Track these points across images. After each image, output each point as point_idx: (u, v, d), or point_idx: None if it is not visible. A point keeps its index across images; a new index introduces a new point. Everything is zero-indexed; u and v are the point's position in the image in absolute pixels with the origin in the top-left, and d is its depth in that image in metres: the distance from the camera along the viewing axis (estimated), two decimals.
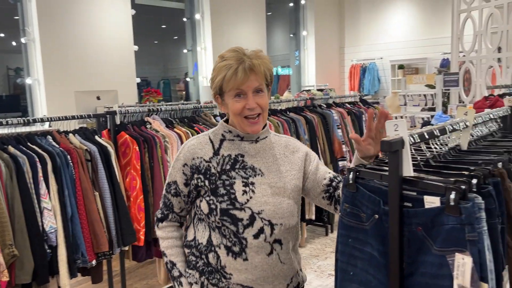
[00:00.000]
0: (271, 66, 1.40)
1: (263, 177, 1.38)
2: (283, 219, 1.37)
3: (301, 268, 1.52)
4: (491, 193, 0.94)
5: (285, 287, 1.42)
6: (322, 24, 10.08)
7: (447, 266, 0.93)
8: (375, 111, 2.18)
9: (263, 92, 1.36)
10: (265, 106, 1.36)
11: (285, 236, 1.39)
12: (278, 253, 1.38)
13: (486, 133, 1.61)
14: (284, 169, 1.42)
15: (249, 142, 1.40)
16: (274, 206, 1.36)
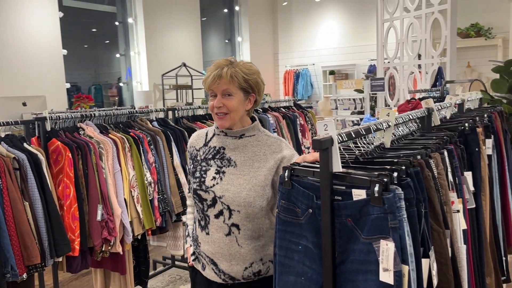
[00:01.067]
0: (249, 74, 1.60)
1: (235, 168, 1.61)
2: (241, 207, 1.56)
3: (271, 261, 1.59)
4: (409, 184, 1.05)
5: (243, 268, 1.60)
6: (256, 31, 10.27)
7: (374, 252, 1.03)
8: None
9: (231, 96, 1.58)
10: (232, 108, 1.58)
11: (244, 223, 1.58)
12: (236, 236, 1.58)
13: (406, 133, 1.77)
14: (257, 165, 1.60)
15: (232, 138, 1.64)
16: (233, 194, 1.57)
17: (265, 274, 1.63)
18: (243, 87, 1.60)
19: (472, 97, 3.39)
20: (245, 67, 1.61)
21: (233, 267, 1.59)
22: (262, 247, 1.61)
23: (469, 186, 1.67)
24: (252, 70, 1.62)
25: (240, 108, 1.61)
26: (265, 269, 1.62)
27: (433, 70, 5.39)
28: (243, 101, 1.61)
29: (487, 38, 8.02)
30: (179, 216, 3.20)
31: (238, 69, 1.58)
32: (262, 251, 1.61)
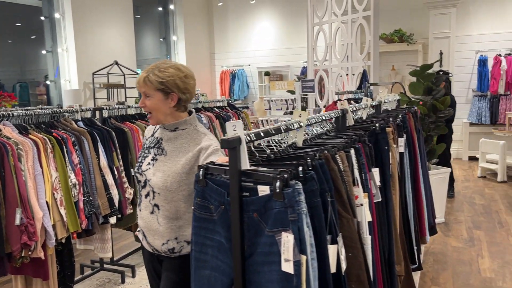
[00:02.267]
0: (164, 77, 1.77)
1: (165, 157, 1.83)
2: (160, 190, 1.79)
3: (188, 241, 1.79)
4: (313, 177, 1.14)
5: (161, 243, 1.82)
6: (192, 30, 10.22)
7: (276, 244, 1.11)
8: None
9: (150, 97, 1.80)
10: (152, 107, 1.81)
11: (163, 205, 1.80)
12: (157, 215, 1.82)
13: (320, 132, 1.88)
14: (181, 155, 1.81)
15: (168, 130, 1.87)
16: (157, 178, 1.80)
17: (178, 252, 1.82)
18: (160, 89, 1.79)
19: (389, 99, 3.64)
20: (160, 71, 1.79)
21: (155, 241, 1.84)
22: (178, 227, 1.81)
23: (376, 182, 1.81)
24: (167, 73, 1.80)
25: (161, 107, 1.81)
26: (179, 248, 1.81)
27: (359, 73, 5.69)
28: (164, 100, 1.81)
29: (409, 43, 8.58)
30: (107, 218, 3.13)
31: (152, 74, 1.79)
32: (178, 231, 1.81)
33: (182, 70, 1.84)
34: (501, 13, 8.16)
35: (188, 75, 1.85)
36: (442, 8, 8.11)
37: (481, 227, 4.66)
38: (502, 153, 6.46)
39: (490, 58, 8.10)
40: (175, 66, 1.84)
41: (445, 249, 4.11)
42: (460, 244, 4.21)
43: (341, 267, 1.25)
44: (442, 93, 4.60)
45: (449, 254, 3.99)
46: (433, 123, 4.59)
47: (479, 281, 3.43)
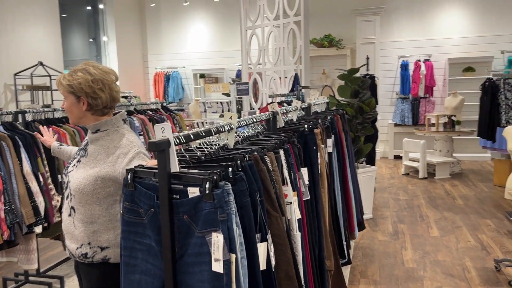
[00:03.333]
0: (71, 81, 1.77)
1: (86, 159, 1.80)
2: (75, 192, 1.75)
3: (102, 247, 1.75)
4: (242, 178, 1.18)
5: (75, 248, 1.78)
6: (123, 30, 9.92)
7: (206, 245, 1.13)
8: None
9: (66, 99, 1.81)
10: (66, 109, 1.82)
11: (78, 208, 1.76)
12: (73, 218, 1.78)
13: (252, 134, 1.93)
14: (100, 158, 1.77)
15: (91, 133, 1.84)
16: (74, 180, 1.77)
17: (91, 258, 1.76)
18: (71, 92, 1.79)
19: (319, 101, 3.79)
20: (70, 74, 1.80)
21: (71, 244, 1.81)
22: (92, 232, 1.76)
23: (305, 181, 1.89)
24: (74, 77, 1.77)
25: (74, 109, 1.81)
26: (92, 253, 1.76)
27: (291, 76, 5.85)
28: (76, 104, 1.80)
29: (338, 48, 8.98)
30: (31, 227, 2.97)
31: (62, 78, 1.81)
32: (92, 236, 1.76)
33: (91, 73, 1.76)
34: (420, 22, 8.78)
35: (97, 79, 1.76)
36: (368, 15, 8.57)
37: (404, 221, 4.98)
38: (422, 152, 6.95)
39: (411, 63, 8.68)
40: (85, 70, 1.77)
41: (372, 243, 4.35)
42: (386, 238, 4.48)
43: (271, 264, 1.29)
44: (368, 96, 4.87)
45: (376, 248, 4.23)
46: (360, 124, 4.85)
47: (403, 272, 3.67)
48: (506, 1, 8.25)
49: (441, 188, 6.45)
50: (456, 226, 4.76)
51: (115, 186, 1.73)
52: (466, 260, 3.84)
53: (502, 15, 8.28)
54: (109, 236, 1.75)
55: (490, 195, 5.93)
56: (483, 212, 5.19)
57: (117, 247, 1.74)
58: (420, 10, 8.76)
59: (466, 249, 4.09)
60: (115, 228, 1.75)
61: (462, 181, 6.84)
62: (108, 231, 1.74)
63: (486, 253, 3.99)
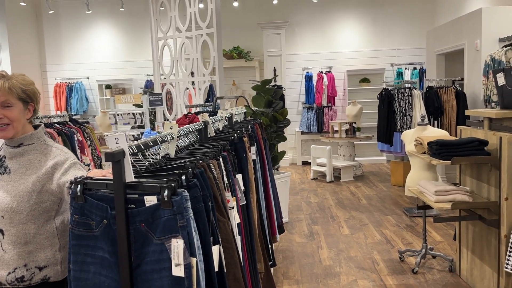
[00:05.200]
0: (25, 85, 1.69)
1: (8, 176, 1.67)
2: (5, 212, 1.62)
3: (40, 267, 1.66)
4: (196, 184, 1.22)
5: (6, 273, 1.64)
6: (17, 38, 9.17)
7: (166, 251, 1.15)
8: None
9: (12, 107, 1.65)
10: (14, 118, 1.65)
11: (8, 229, 1.63)
12: (0, 241, 1.64)
13: (188, 143, 1.97)
14: (29, 173, 1.66)
15: (11, 147, 1.71)
16: (0, 200, 1.63)
17: (29, 281, 1.65)
18: (22, 98, 1.69)
19: (238, 111, 3.92)
20: (20, 79, 1.71)
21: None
22: (28, 253, 1.65)
23: (241, 186, 1.98)
24: (28, 81, 1.73)
25: (21, 117, 1.70)
26: (29, 275, 1.65)
27: (205, 87, 5.93)
28: (23, 111, 1.71)
29: (247, 60, 9.26)
30: None
31: (14, 81, 1.67)
32: (28, 257, 1.65)
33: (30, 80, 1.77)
34: (321, 36, 9.43)
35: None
36: (273, 28, 8.99)
37: (318, 222, 5.30)
38: (328, 157, 7.45)
39: (314, 75, 9.26)
40: (24, 75, 1.75)
41: (291, 245, 4.57)
42: (303, 240, 4.73)
43: (223, 266, 1.35)
44: (281, 105, 5.13)
45: (294, 249, 4.45)
46: (274, 132, 5.07)
47: (321, 269, 3.92)
48: (394, 20, 9.22)
49: (347, 190, 6.97)
50: (363, 224, 5.19)
51: (50, 200, 1.65)
52: (374, 254, 4.22)
53: (391, 32, 9.24)
54: (46, 255, 1.66)
55: (389, 194, 6.56)
56: (384, 210, 5.72)
57: (56, 265, 1.67)
58: (321, 25, 9.41)
59: (373, 244, 4.49)
60: (53, 245, 1.67)
61: (364, 182, 7.45)
62: (45, 249, 1.65)
63: (390, 246, 4.42)
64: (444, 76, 7.05)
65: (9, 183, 1.65)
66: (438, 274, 3.71)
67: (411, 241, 4.53)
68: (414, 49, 9.11)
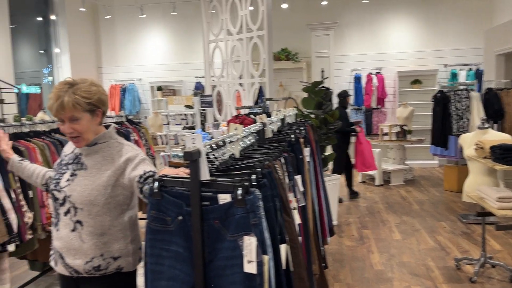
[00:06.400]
0: (89, 97, 1.74)
1: (85, 171, 1.78)
2: (83, 205, 1.73)
3: (115, 257, 1.76)
4: (266, 184, 1.26)
5: (84, 262, 1.74)
6: (77, 42, 9.66)
7: (239, 248, 1.19)
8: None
9: (78, 120, 1.74)
10: (82, 130, 1.75)
11: (87, 220, 1.73)
12: (79, 232, 1.74)
13: (248, 144, 2.01)
14: (104, 168, 1.77)
15: (87, 146, 1.81)
16: (78, 193, 1.74)
17: (105, 270, 1.76)
18: (88, 109, 1.76)
19: (290, 113, 3.93)
20: (85, 90, 1.74)
21: (76, 261, 1.75)
22: (103, 243, 1.75)
23: (300, 187, 2.00)
24: (92, 91, 1.77)
25: (90, 126, 1.79)
26: (105, 264, 1.76)
27: (255, 89, 5.99)
28: (91, 119, 1.78)
29: (295, 61, 9.26)
30: (4, 246, 2.85)
31: (78, 96, 1.72)
32: (104, 248, 1.75)
33: (97, 83, 1.83)
34: (371, 36, 9.27)
35: (101, 86, 1.85)
36: (322, 29, 8.94)
37: (368, 226, 5.22)
38: (378, 160, 7.30)
39: (363, 76, 9.12)
40: (90, 82, 1.80)
41: (341, 249, 4.52)
42: (353, 243, 4.67)
43: (289, 265, 1.38)
44: (331, 107, 5.09)
45: (344, 253, 4.40)
46: (324, 134, 5.05)
47: (373, 274, 3.86)
48: (447, 19, 8.91)
49: (397, 194, 6.80)
50: (415, 229, 5.05)
51: (123, 194, 1.76)
52: (428, 261, 4.10)
53: (445, 32, 8.93)
54: (120, 246, 1.76)
55: (442, 199, 6.34)
56: (437, 215, 5.54)
57: (128, 256, 1.78)
58: (371, 25, 9.25)
59: (427, 250, 4.36)
60: (125, 237, 1.78)
61: (415, 187, 7.25)
62: (118, 241, 1.76)
63: (445, 253, 4.28)
64: (504, 78, 6.73)
65: (87, 178, 1.76)
66: (498, 284, 3.55)
67: (467, 248, 4.36)
68: (470, 49, 8.75)
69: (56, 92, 1.72)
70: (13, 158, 2.11)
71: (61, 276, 1.85)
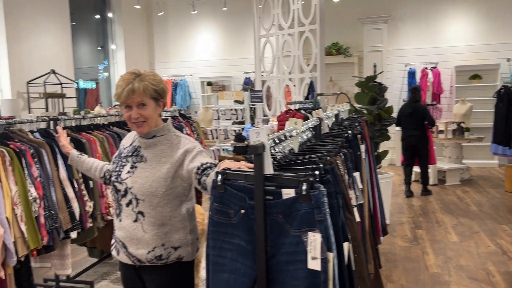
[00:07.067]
0: (156, 85, 1.83)
1: (145, 163, 1.83)
2: (145, 196, 1.78)
3: (175, 247, 1.81)
4: (329, 180, 1.23)
5: (146, 252, 1.79)
6: (131, 39, 9.99)
7: (303, 244, 1.17)
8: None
9: (146, 106, 1.80)
10: (148, 116, 1.81)
11: (148, 211, 1.79)
12: (141, 222, 1.80)
13: (305, 139, 1.98)
14: (164, 160, 1.81)
15: (145, 138, 1.87)
16: (140, 185, 1.79)
17: (166, 259, 1.81)
18: (154, 96, 1.83)
19: (344, 109, 3.85)
20: (151, 78, 1.84)
21: (138, 250, 1.81)
22: (164, 234, 1.80)
23: (359, 185, 1.94)
24: (157, 80, 1.86)
25: (153, 114, 1.85)
26: (166, 254, 1.80)
27: (306, 84, 5.92)
28: (155, 107, 1.86)
29: (346, 56, 9.07)
30: (68, 233, 3.00)
31: (147, 82, 1.81)
32: (165, 238, 1.80)
33: (159, 77, 1.91)
34: (426, 29, 8.90)
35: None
36: (375, 23, 8.69)
37: (422, 227, 5.03)
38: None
39: (418, 71, 8.78)
40: (153, 73, 1.88)
41: (393, 249, 4.39)
42: (406, 243, 4.52)
43: (351, 264, 1.34)
44: (386, 103, 4.94)
45: (397, 253, 4.27)
46: (378, 130, 4.91)
47: (428, 276, 3.71)
48: (510, 10, 8.39)
49: (453, 194, 6.52)
50: (473, 231, 4.81)
51: (182, 186, 1.81)
52: (489, 265, 3.89)
53: (507, 23, 8.42)
54: (179, 236, 1.81)
55: (503, 201, 6.00)
56: (498, 218, 5.25)
57: (188, 246, 1.83)
58: (426, 18, 8.88)
59: (487, 254, 4.14)
60: (184, 227, 1.82)
61: (473, 187, 6.90)
62: (178, 231, 1.81)
63: (507, 257, 4.04)
64: None
65: (147, 170, 1.81)
66: None
67: None
68: None
69: (124, 80, 1.79)
70: (73, 153, 2.22)
71: (123, 264, 1.91)
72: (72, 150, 2.25)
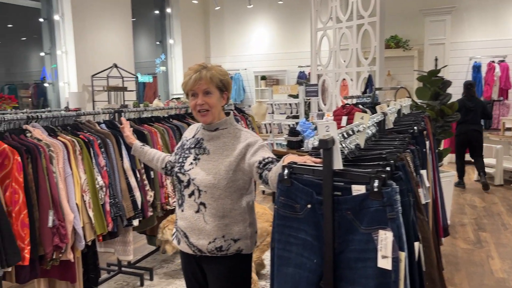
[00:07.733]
0: (222, 75, 1.87)
1: (208, 156, 1.86)
2: (207, 187, 1.81)
3: (235, 239, 1.83)
4: (401, 177, 1.18)
5: (207, 242, 1.82)
6: (188, 34, 10.21)
7: (373, 242, 1.14)
8: None
9: (211, 94, 1.83)
10: (213, 104, 1.84)
11: (210, 203, 1.81)
12: (203, 213, 1.83)
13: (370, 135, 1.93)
14: (226, 153, 1.84)
15: (208, 131, 1.91)
16: (202, 177, 1.82)
17: (226, 251, 1.83)
18: (219, 86, 1.86)
19: (405, 104, 3.71)
20: (218, 69, 1.87)
21: (199, 241, 1.83)
22: (225, 225, 1.82)
23: (426, 183, 1.86)
24: (224, 71, 1.90)
25: (218, 104, 1.87)
26: (226, 246, 1.83)
27: (364, 78, 5.77)
28: (220, 98, 1.88)
29: (405, 49, 8.74)
30: (130, 220, 3.12)
31: (214, 72, 1.84)
32: (225, 229, 1.82)
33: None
34: (494, 21, 8.38)
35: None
36: (437, 15, 8.30)
37: (486, 229, 4.77)
38: (498, 157, 6.62)
39: (484, 65, 8.29)
40: (220, 66, 1.92)
41: (455, 251, 4.20)
42: (468, 246, 4.31)
43: (421, 264, 1.29)
44: (449, 98, 4.71)
45: (459, 256, 4.08)
46: (440, 127, 4.69)
47: (493, 281, 3.52)
48: None
49: None
50: None
51: (243, 179, 1.82)
52: None
53: None
54: (239, 228, 1.83)
55: None
56: None
57: (247, 239, 1.85)
58: (495, 8, 8.36)
59: None
60: (244, 220, 1.84)
61: None
62: (238, 224, 1.83)
63: None
64: None
65: (209, 162, 1.84)
66: None
67: None
68: None
69: (192, 69, 1.83)
70: (136, 144, 2.28)
71: (184, 253, 1.96)
72: (135, 141, 2.31)
